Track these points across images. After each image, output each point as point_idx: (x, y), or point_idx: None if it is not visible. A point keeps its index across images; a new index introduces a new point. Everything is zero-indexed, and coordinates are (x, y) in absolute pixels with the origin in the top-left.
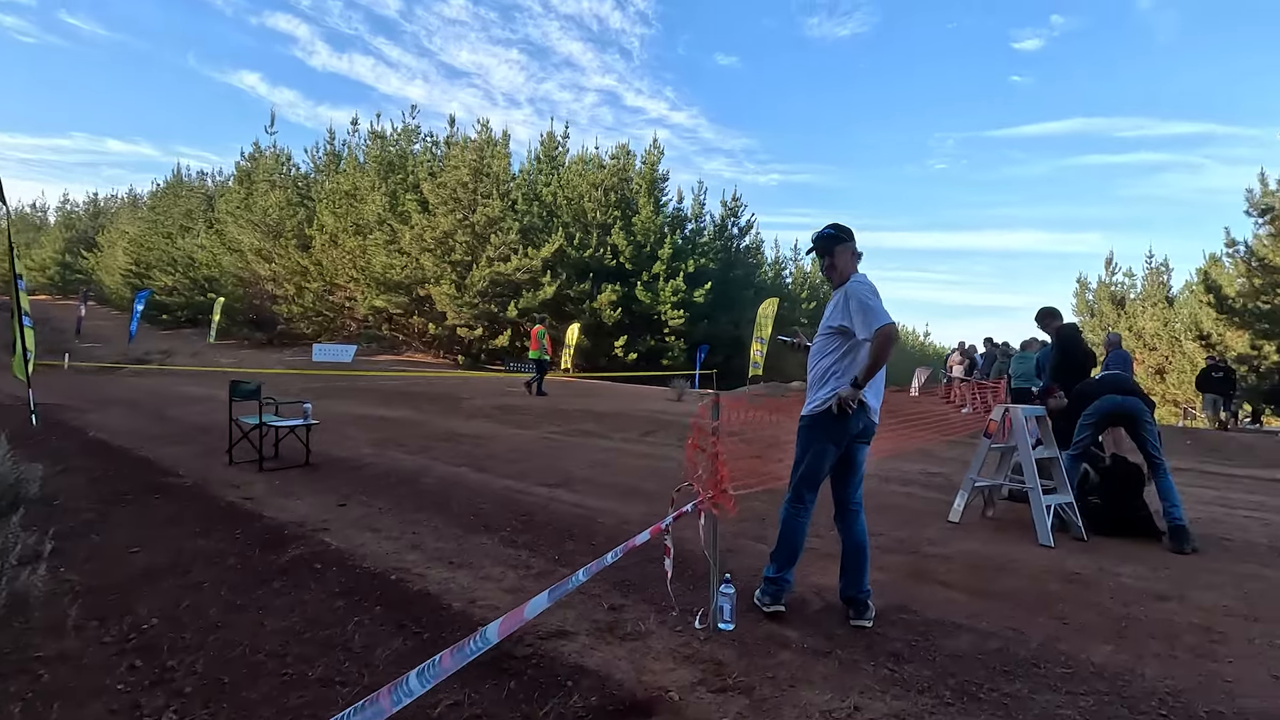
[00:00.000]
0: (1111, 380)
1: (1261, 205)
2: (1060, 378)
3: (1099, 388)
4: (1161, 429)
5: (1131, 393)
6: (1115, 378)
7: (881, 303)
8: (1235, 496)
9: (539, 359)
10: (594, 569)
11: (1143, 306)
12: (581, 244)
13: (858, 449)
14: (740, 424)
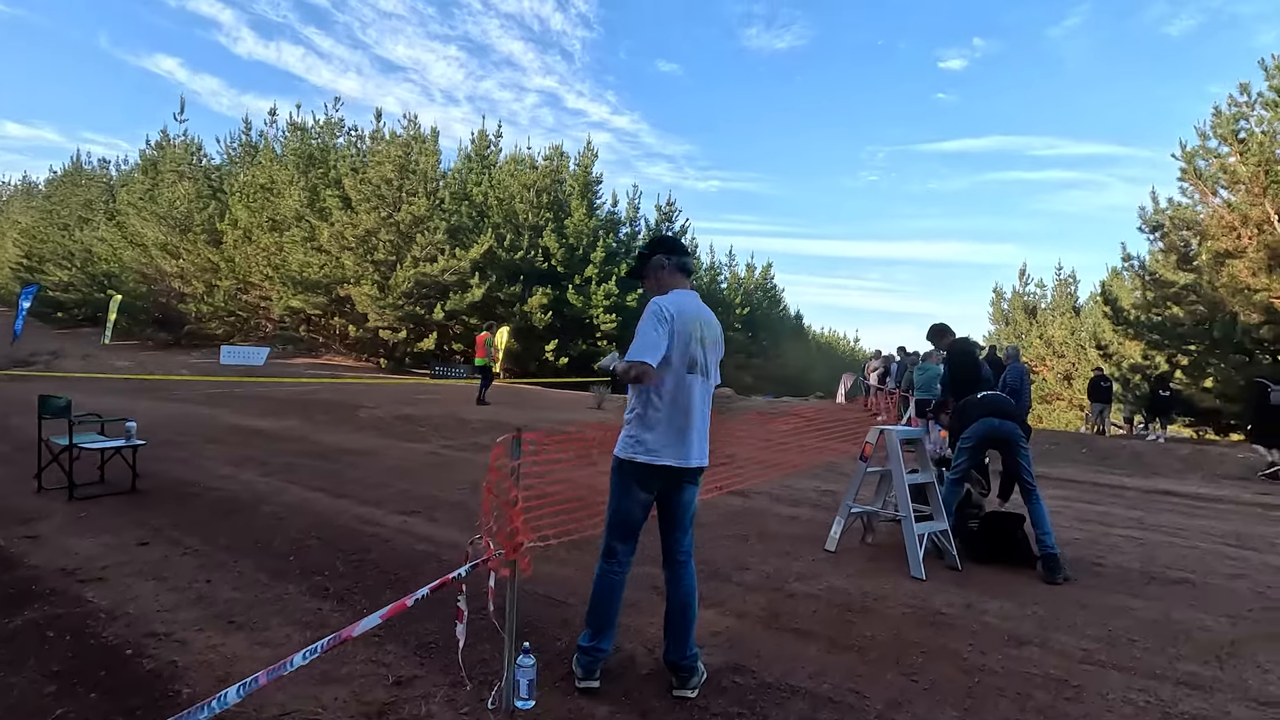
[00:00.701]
0: (991, 402)
1: (1153, 222)
2: (954, 394)
3: (978, 409)
4: (1060, 436)
5: (1009, 416)
6: (994, 400)
7: (662, 333)
8: (1117, 513)
9: (484, 366)
10: (322, 647)
11: (1052, 316)
12: (512, 246)
13: (682, 489)
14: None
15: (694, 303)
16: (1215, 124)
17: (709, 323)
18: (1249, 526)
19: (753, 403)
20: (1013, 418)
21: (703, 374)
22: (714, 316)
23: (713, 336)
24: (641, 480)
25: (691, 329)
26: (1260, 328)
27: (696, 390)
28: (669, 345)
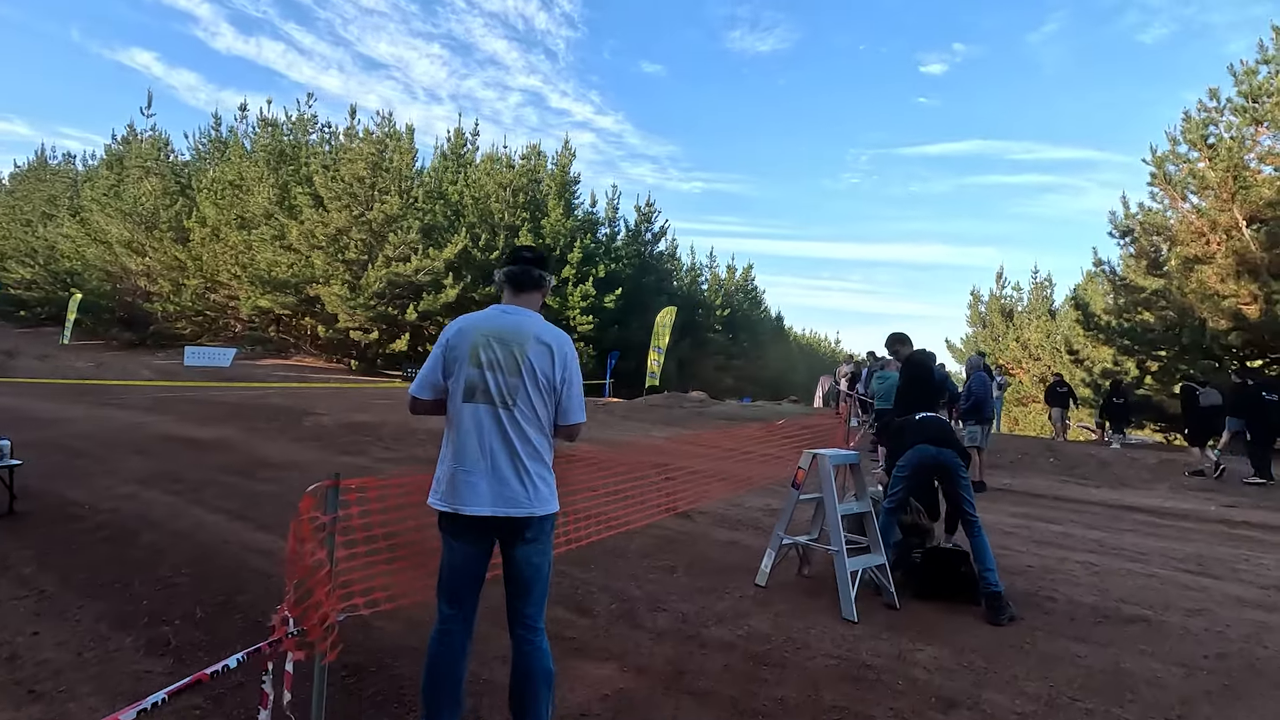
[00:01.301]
0: (928, 427)
1: (1123, 227)
2: (907, 409)
3: (915, 433)
4: (1029, 444)
5: (947, 443)
6: (932, 424)
7: (433, 363)
8: (1076, 534)
9: None
10: None
11: (1028, 319)
12: (487, 246)
13: (509, 544)
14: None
15: (493, 318)
16: (1185, 129)
17: (510, 338)
18: (1211, 548)
19: (725, 407)
20: (951, 444)
21: (494, 401)
22: (532, 328)
23: (511, 353)
24: (449, 529)
25: (471, 349)
26: (1229, 334)
27: (484, 422)
28: (441, 372)
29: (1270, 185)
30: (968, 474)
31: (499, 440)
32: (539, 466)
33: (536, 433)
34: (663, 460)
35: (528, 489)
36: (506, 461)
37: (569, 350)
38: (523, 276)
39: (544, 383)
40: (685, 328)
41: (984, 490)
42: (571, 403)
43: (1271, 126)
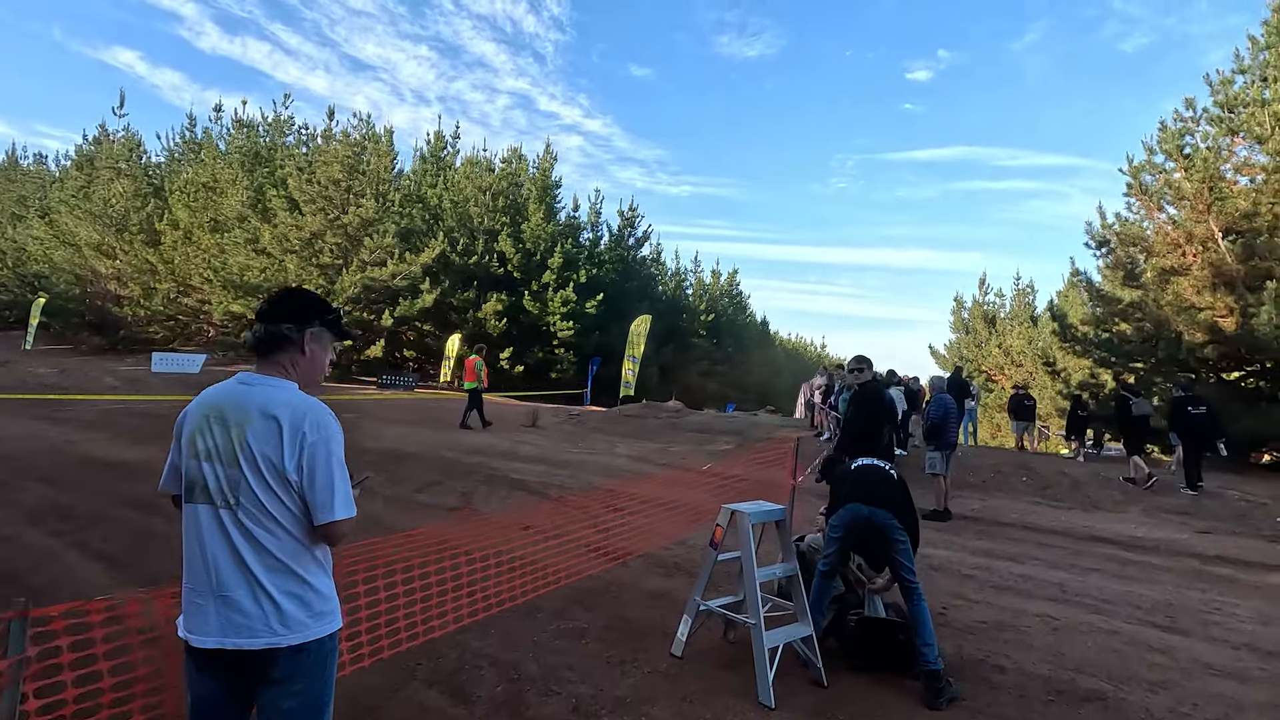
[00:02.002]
0: (867, 478)
1: (1100, 238)
2: (851, 444)
3: (851, 488)
4: (1004, 460)
5: (884, 500)
6: (871, 476)
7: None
8: (1038, 577)
9: (474, 389)
10: None
11: (1010, 325)
12: (466, 250)
13: (261, 693)
14: None
15: (223, 392)
16: (1161, 139)
17: (231, 417)
18: (1181, 593)
19: (701, 417)
20: (889, 501)
21: (213, 500)
22: (259, 401)
23: (229, 437)
24: (189, 663)
25: (190, 436)
26: (1204, 347)
27: (204, 527)
28: (171, 464)
29: (1246, 196)
30: (905, 536)
31: (224, 550)
32: (286, 581)
33: (276, 537)
34: (610, 488)
35: (266, 612)
36: (235, 578)
37: (313, 424)
38: (265, 340)
39: (270, 472)
40: (669, 333)
41: (948, 519)
42: (319, 496)
43: (1248, 137)
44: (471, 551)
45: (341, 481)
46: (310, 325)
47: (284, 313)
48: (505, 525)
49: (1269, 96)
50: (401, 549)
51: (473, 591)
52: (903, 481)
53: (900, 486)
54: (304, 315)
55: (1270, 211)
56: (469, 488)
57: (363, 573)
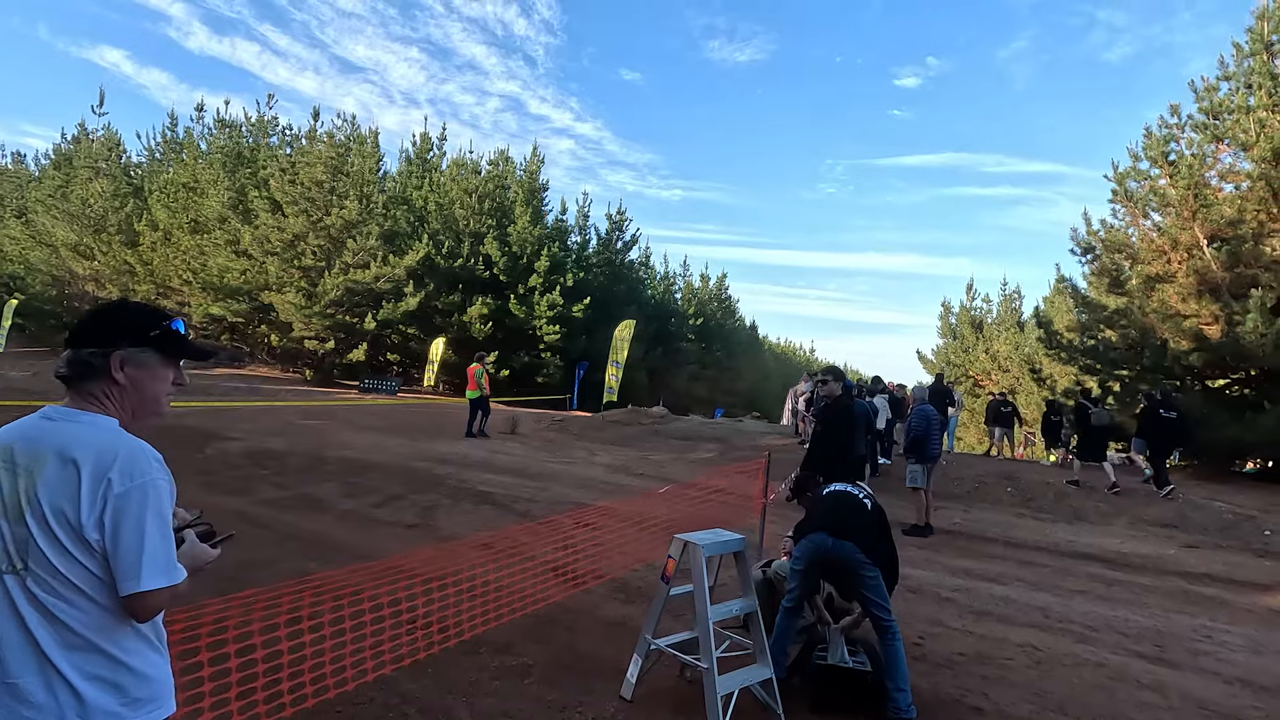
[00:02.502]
0: (836, 506)
1: (1085, 244)
2: (821, 462)
3: (818, 517)
4: (988, 470)
5: (851, 532)
6: (840, 503)
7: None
8: (1020, 600)
9: (477, 398)
10: None
11: (998, 331)
12: (451, 253)
13: None
14: None
15: (21, 429)
16: (1146, 145)
17: (23, 462)
18: (1169, 618)
19: (685, 424)
20: (858, 533)
21: (1, 566)
22: (58, 441)
23: (17, 487)
24: None
25: None
26: (1190, 354)
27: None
28: None
29: (1231, 203)
30: (875, 571)
31: (12, 626)
32: (91, 661)
33: (77, 609)
34: (581, 502)
35: (62, 703)
36: (24, 660)
37: (123, 470)
38: (70, 366)
39: (64, 529)
40: (657, 337)
41: (929, 534)
42: (123, 560)
43: (1232, 144)
44: (421, 577)
45: (158, 541)
46: (118, 347)
47: (87, 334)
48: (463, 545)
49: (1253, 103)
50: (342, 576)
51: (415, 623)
52: (878, 511)
53: (873, 516)
54: (109, 335)
55: (1255, 218)
56: (432, 502)
57: (286, 606)
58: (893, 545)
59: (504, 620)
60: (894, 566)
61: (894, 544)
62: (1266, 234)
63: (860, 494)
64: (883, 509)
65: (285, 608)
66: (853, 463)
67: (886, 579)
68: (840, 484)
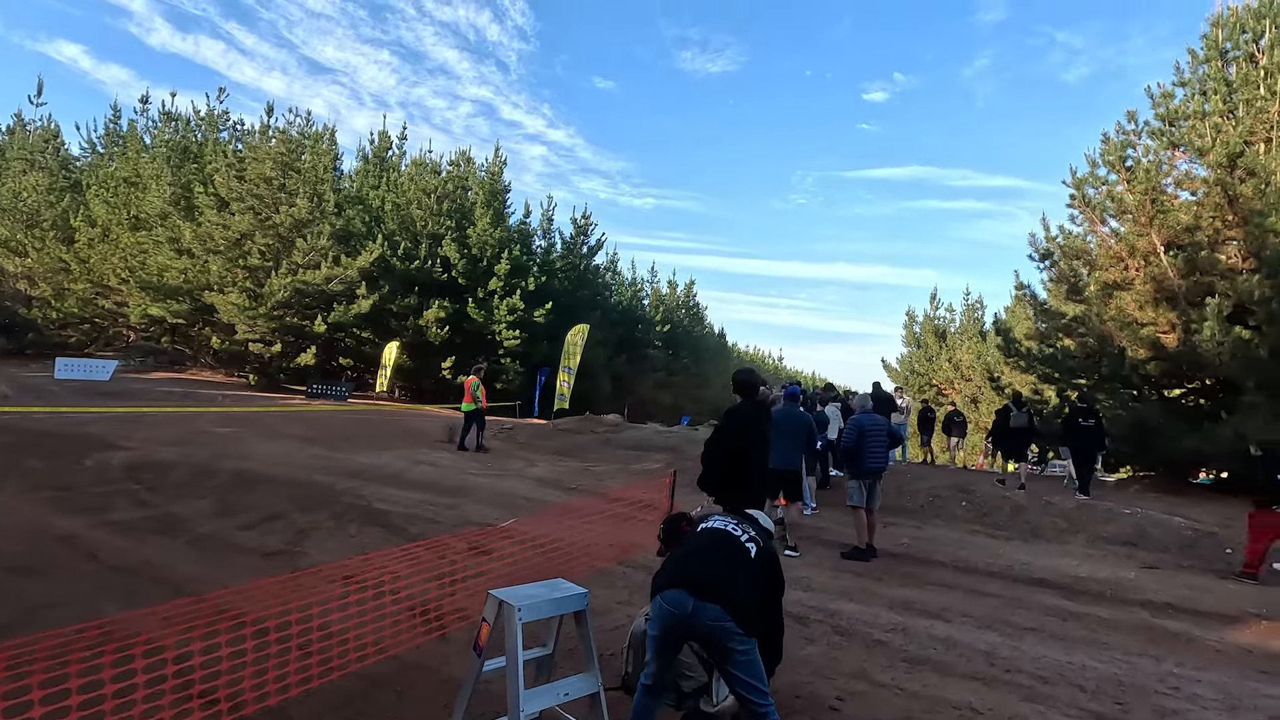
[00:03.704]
0: (701, 552)
1: (1044, 250)
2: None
3: (678, 565)
4: (944, 482)
5: (720, 590)
6: (703, 548)
7: None
8: (964, 641)
9: (473, 411)
10: None
11: (960, 340)
12: (408, 254)
13: None
14: None
15: None
16: (1104, 151)
17: None
18: (1133, 661)
19: (638, 433)
20: (729, 590)
21: None
22: None
23: None
24: None
25: None
26: (1147, 363)
27: None
28: None
29: (1187, 210)
30: (749, 644)
31: None
32: None
33: None
34: (490, 522)
35: None
36: None
37: None
38: None
39: None
40: (623, 344)
41: (873, 557)
42: None
43: (1188, 150)
44: (234, 622)
45: None
46: None
47: None
48: (320, 576)
49: (1208, 109)
50: (133, 622)
51: (191, 689)
52: (765, 559)
53: (756, 567)
54: None
55: (1210, 225)
56: (313, 523)
57: (40, 665)
58: (779, 609)
59: (319, 683)
60: (777, 638)
61: (781, 607)
62: (1221, 241)
63: (743, 535)
64: (774, 556)
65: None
66: (755, 483)
67: (766, 654)
68: (721, 519)
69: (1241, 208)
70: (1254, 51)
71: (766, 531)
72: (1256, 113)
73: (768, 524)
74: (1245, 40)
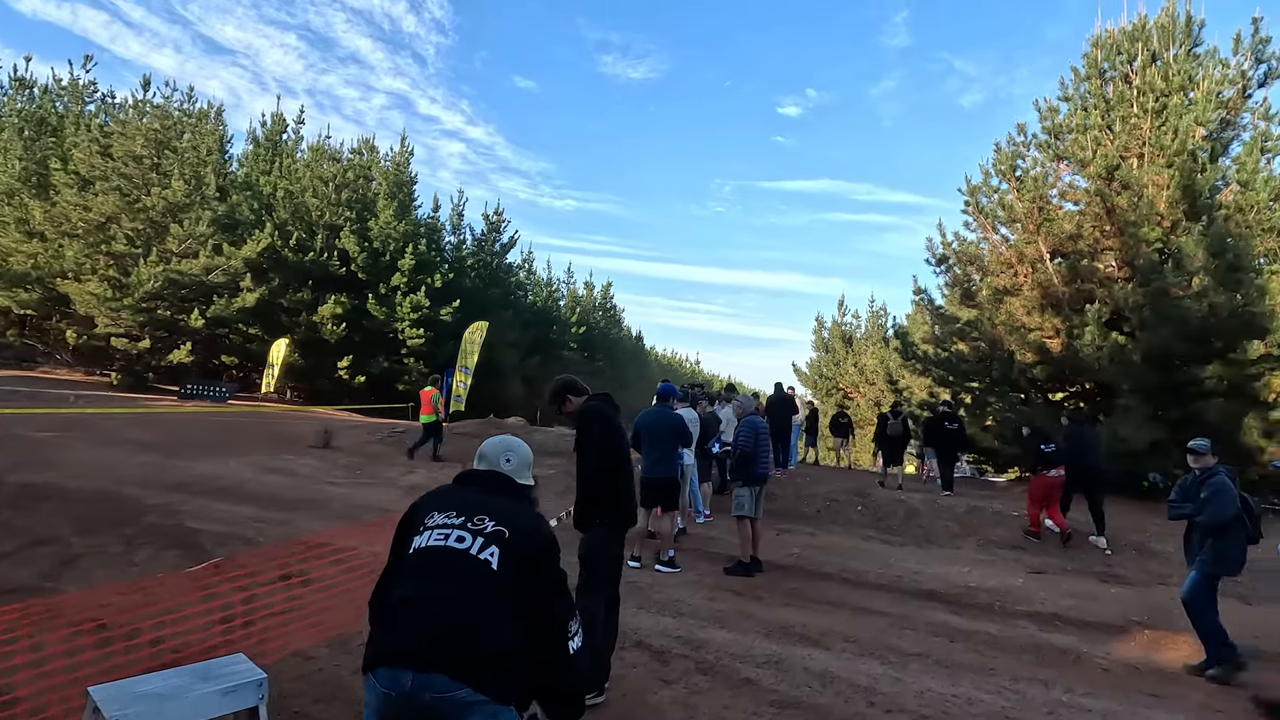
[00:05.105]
0: (405, 605)
1: (940, 255)
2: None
3: (386, 625)
4: (842, 486)
5: (448, 647)
6: (416, 594)
7: None
8: (841, 675)
9: (431, 423)
10: None
11: (866, 345)
12: (301, 245)
13: None
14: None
15: None
16: (996, 160)
17: None
18: (1021, 687)
19: (542, 435)
20: (457, 646)
21: None
22: None
23: None
24: None
25: None
26: (1034, 367)
27: None
28: None
29: (1070, 220)
30: (508, 714)
31: None
32: None
33: None
34: (320, 542)
35: None
36: None
37: None
38: None
39: None
40: (536, 345)
41: (758, 571)
42: None
43: (1072, 162)
44: None
45: None
46: None
47: None
48: (72, 615)
49: (1090, 124)
50: None
51: None
52: (517, 556)
53: (501, 583)
54: None
55: (1091, 234)
56: (93, 547)
57: None
58: (564, 628)
59: None
60: (572, 678)
61: (564, 634)
62: (1101, 250)
63: (473, 540)
64: (538, 540)
65: None
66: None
67: (559, 712)
68: (442, 513)
69: (1118, 218)
70: (1128, 72)
71: (521, 498)
72: (1131, 129)
73: (525, 475)
74: (1120, 61)
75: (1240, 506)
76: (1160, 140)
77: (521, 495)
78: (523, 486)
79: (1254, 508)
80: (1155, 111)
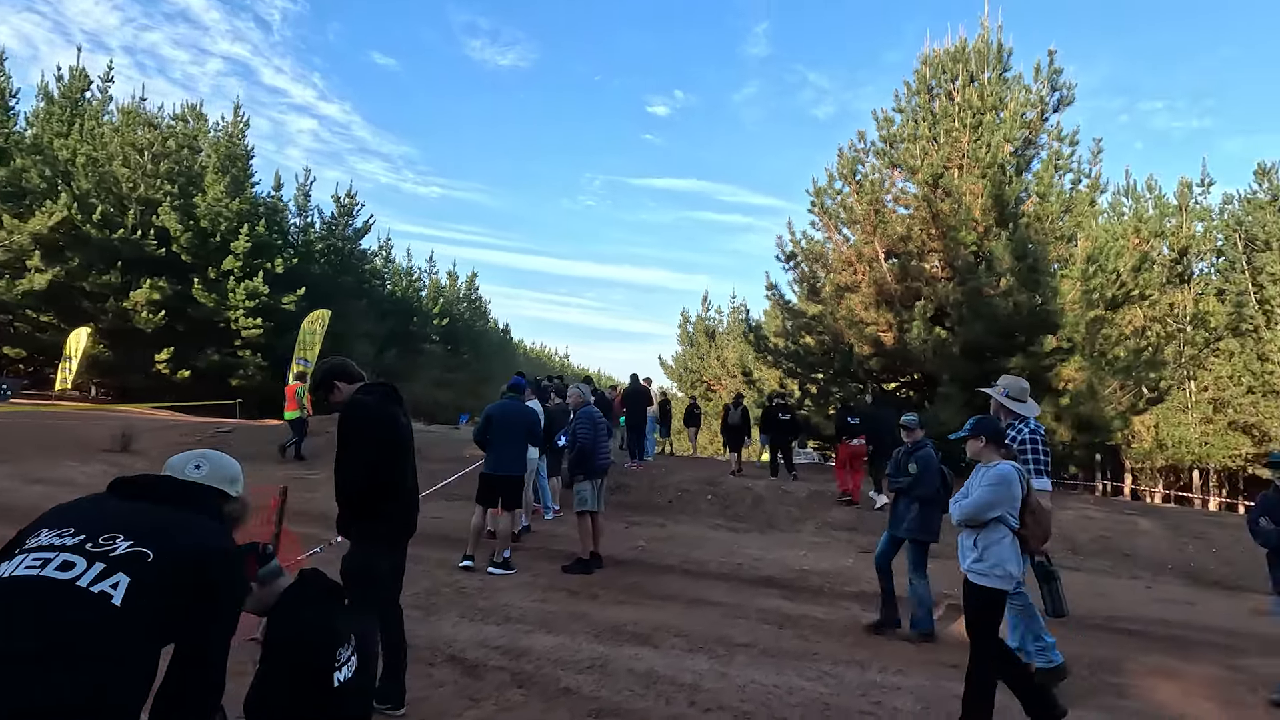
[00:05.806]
0: None
1: (789, 252)
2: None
3: None
4: (695, 476)
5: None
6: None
7: None
8: (668, 675)
9: (297, 420)
10: None
11: (727, 340)
12: (108, 221)
13: None
14: None
15: None
16: (839, 164)
17: None
18: (840, 671)
19: None
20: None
21: None
22: None
23: None
24: None
25: None
26: (870, 359)
27: None
28: None
29: (902, 222)
30: None
31: None
32: None
33: None
34: None
35: None
36: None
37: None
38: None
39: None
40: (394, 337)
41: (598, 568)
42: None
43: (904, 170)
44: None
45: None
46: None
47: None
48: None
49: (919, 135)
50: None
51: None
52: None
53: (121, 624)
54: None
55: (919, 237)
56: None
57: None
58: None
59: None
60: None
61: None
62: (927, 251)
63: (85, 572)
64: (199, 578)
65: None
66: (386, 502)
67: None
68: (50, 531)
69: (941, 223)
70: (951, 90)
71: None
72: (953, 141)
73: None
74: (945, 79)
75: (941, 478)
76: (976, 153)
77: (199, 504)
78: (206, 492)
79: (948, 479)
80: (973, 127)
